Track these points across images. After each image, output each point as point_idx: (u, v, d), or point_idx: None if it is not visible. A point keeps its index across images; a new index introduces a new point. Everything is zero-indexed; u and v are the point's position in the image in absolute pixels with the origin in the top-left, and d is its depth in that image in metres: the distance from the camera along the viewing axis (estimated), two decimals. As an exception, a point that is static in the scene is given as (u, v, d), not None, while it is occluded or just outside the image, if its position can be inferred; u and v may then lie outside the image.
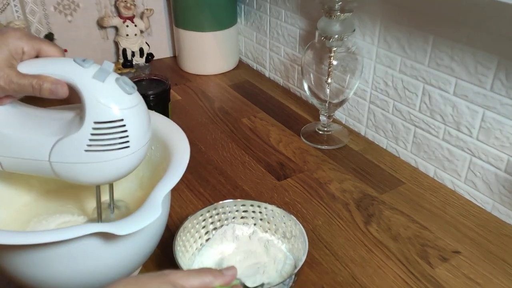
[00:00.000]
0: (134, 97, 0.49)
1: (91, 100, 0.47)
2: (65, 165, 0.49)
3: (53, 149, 0.49)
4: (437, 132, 0.77)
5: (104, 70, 0.48)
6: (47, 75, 0.47)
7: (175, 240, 0.55)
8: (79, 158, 0.48)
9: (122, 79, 0.48)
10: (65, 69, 0.47)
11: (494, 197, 0.71)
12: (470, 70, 0.69)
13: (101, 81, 0.47)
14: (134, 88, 0.49)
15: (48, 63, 0.48)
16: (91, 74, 0.47)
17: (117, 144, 0.48)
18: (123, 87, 0.48)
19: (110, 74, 0.48)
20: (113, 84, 0.47)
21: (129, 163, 0.50)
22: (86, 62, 0.47)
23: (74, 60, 0.47)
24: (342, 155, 0.86)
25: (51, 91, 0.47)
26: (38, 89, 0.47)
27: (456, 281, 0.60)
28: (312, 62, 0.86)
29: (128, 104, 0.48)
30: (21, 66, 0.47)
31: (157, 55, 1.23)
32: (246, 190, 0.77)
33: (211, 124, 0.96)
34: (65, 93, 0.48)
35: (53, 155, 0.49)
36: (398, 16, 0.78)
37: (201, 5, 1.10)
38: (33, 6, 1.06)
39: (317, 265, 0.63)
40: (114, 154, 0.48)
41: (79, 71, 0.47)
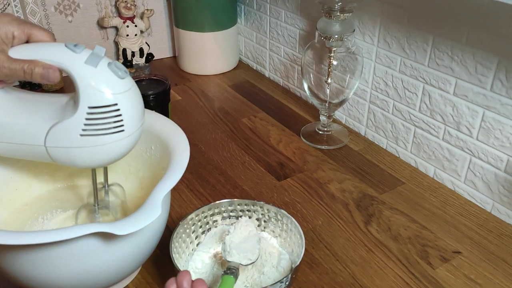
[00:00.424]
0: (127, 81, 0.49)
1: (84, 85, 0.47)
2: (60, 149, 0.50)
3: (48, 134, 0.49)
4: (437, 132, 0.77)
5: (96, 55, 0.48)
6: (39, 59, 0.47)
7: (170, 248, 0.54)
8: (74, 143, 0.49)
9: (114, 64, 0.48)
10: (57, 54, 0.47)
11: (494, 197, 0.71)
12: (470, 70, 0.69)
13: (94, 66, 0.47)
14: (126, 73, 0.49)
15: (39, 48, 0.48)
16: (83, 59, 0.47)
17: (111, 128, 0.48)
18: (116, 72, 0.48)
19: (102, 59, 0.48)
20: (105, 69, 0.48)
21: (123, 146, 0.51)
22: (77, 47, 0.47)
23: (66, 45, 0.48)
24: (342, 155, 0.86)
25: (43, 75, 0.47)
26: (29, 73, 0.47)
27: (457, 282, 0.60)
28: (312, 62, 0.86)
29: (121, 89, 0.48)
30: (12, 51, 0.47)
31: (157, 55, 1.23)
32: (246, 190, 0.77)
33: (211, 124, 0.96)
34: (57, 78, 0.48)
35: (49, 140, 0.49)
36: (398, 16, 0.78)
37: (201, 5, 1.10)
38: (33, 6, 1.06)
39: (317, 265, 0.63)
40: (109, 138, 0.49)
41: (71, 56, 0.47)
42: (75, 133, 0.48)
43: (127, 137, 0.50)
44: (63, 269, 0.48)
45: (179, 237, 0.57)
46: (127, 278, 0.59)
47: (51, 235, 0.43)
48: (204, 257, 0.60)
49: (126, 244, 0.50)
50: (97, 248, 0.47)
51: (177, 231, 0.57)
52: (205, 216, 0.61)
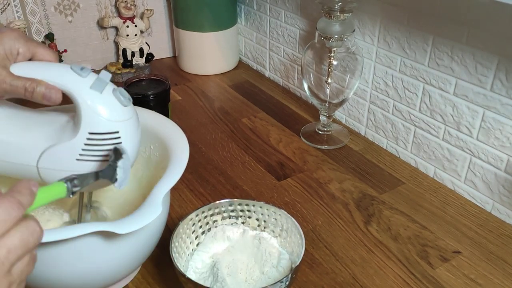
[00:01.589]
0: (129, 109, 0.48)
1: (87, 111, 0.46)
2: (53, 171, 0.48)
3: (42, 155, 0.48)
4: (437, 132, 0.77)
5: (102, 80, 0.47)
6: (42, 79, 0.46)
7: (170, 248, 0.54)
8: (69, 166, 0.48)
9: (119, 91, 0.48)
10: (63, 76, 0.46)
11: (494, 197, 0.71)
12: (470, 70, 0.69)
13: (99, 92, 0.46)
14: (130, 100, 0.48)
15: (44, 67, 0.47)
16: (88, 84, 0.46)
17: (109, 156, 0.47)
18: (120, 99, 0.47)
19: (108, 85, 0.47)
20: (110, 95, 0.47)
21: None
22: (83, 71, 0.46)
23: (72, 67, 0.47)
24: (342, 155, 0.86)
25: (44, 95, 0.46)
26: (31, 92, 0.46)
27: (457, 282, 0.60)
28: (312, 62, 0.86)
29: (124, 117, 0.47)
30: (14, 68, 0.46)
31: (157, 55, 1.23)
32: (246, 190, 0.77)
33: (211, 124, 0.96)
34: (59, 99, 0.47)
35: (42, 161, 0.48)
36: (398, 16, 0.78)
37: (201, 5, 1.10)
38: (33, 6, 1.06)
39: (317, 265, 0.63)
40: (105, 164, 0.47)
41: (76, 80, 0.46)
42: (71, 157, 0.47)
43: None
44: (63, 268, 0.48)
45: (179, 237, 0.57)
46: (127, 278, 0.59)
47: (52, 234, 0.43)
48: (204, 257, 0.60)
49: (126, 243, 0.50)
50: (98, 247, 0.47)
51: (177, 231, 0.56)
52: (205, 216, 0.61)
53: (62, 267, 0.48)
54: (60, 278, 0.49)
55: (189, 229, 0.59)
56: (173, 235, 0.55)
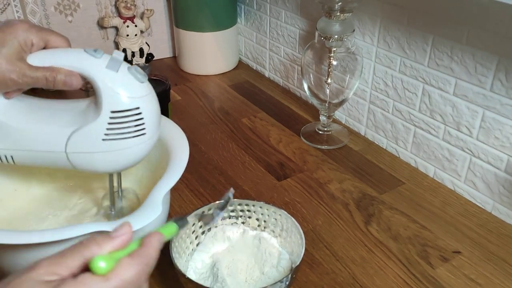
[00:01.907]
0: (146, 85, 0.50)
1: (107, 90, 0.47)
2: (82, 155, 0.50)
3: (69, 140, 0.49)
4: (437, 132, 0.77)
5: (116, 59, 0.48)
6: (60, 67, 0.47)
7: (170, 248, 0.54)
8: (97, 147, 0.49)
9: (134, 68, 0.49)
10: (78, 60, 0.47)
11: (494, 197, 0.71)
12: (470, 70, 0.69)
13: (115, 71, 0.47)
14: (145, 77, 0.50)
15: (60, 54, 0.48)
16: (104, 64, 0.47)
17: (133, 132, 0.49)
18: (136, 76, 0.48)
19: (122, 64, 0.48)
20: (126, 73, 0.48)
21: (144, 149, 0.51)
22: (97, 52, 0.47)
23: (85, 50, 0.48)
24: (342, 155, 0.86)
25: (65, 82, 0.47)
26: (52, 81, 0.47)
27: (457, 282, 0.60)
28: (312, 62, 0.86)
29: (142, 92, 0.49)
30: (32, 58, 0.47)
31: (157, 55, 1.23)
32: (246, 190, 0.77)
33: (211, 124, 0.96)
34: (79, 84, 0.48)
35: (70, 146, 0.49)
36: (398, 16, 0.78)
37: (201, 5, 1.10)
38: (33, 6, 1.06)
39: (317, 265, 0.63)
40: (131, 141, 0.49)
41: (92, 62, 0.47)
42: (97, 138, 0.48)
43: (147, 140, 0.50)
44: (63, 269, 0.48)
45: (179, 237, 0.57)
46: (127, 278, 0.59)
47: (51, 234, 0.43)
48: (204, 257, 0.60)
49: (126, 244, 0.50)
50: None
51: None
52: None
53: (62, 267, 0.48)
54: (60, 278, 0.49)
55: (189, 229, 0.59)
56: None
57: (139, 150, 0.50)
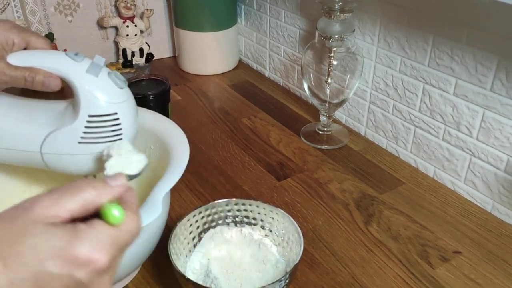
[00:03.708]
0: (125, 91, 0.50)
1: (85, 94, 0.47)
2: (57, 156, 0.50)
3: (45, 141, 0.49)
4: (437, 132, 0.77)
5: (97, 64, 0.48)
6: (39, 67, 0.47)
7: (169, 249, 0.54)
8: (72, 150, 0.49)
9: (114, 74, 0.49)
10: (59, 63, 0.48)
11: (494, 197, 0.71)
12: (470, 70, 0.69)
13: (95, 75, 0.47)
14: (125, 82, 0.50)
15: (40, 55, 0.49)
16: (84, 68, 0.47)
17: (110, 137, 0.49)
18: (116, 82, 0.49)
19: (103, 69, 0.48)
20: (106, 78, 0.48)
21: None
22: (78, 56, 0.48)
23: (66, 54, 0.48)
24: (342, 155, 0.86)
25: (44, 83, 0.47)
26: (30, 81, 0.47)
27: (457, 282, 0.60)
28: (312, 62, 0.86)
29: (121, 98, 0.49)
30: (11, 58, 0.47)
31: (157, 55, 1.23)
32: (246, 190, 0.77)
33: (211, 124, 0.96)
34: (58, 86, 0.48)
35: (45, 147, 0.49)
36: (398, 16, 0.78)
37: (201, 5, 1.10)
38: (33, 6, 1.06)
39: (317, 265, 0.63)
40: (107, 145, 0.49)
41: (72, 65, 0.47)
42: (73, 141, 0.49)
43: None
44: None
45: (177, 238, 0.57)
46: (127, 278, 0.59)
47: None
48: (202, 258, 0.60)
49: (126, 244, 0.50)
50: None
51: (175, 232, 0.56)
52: (202, 216, 0.61)
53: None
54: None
55: (187, 230, 0.59)
56: (171, 236, 0.55)
57: None
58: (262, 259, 0.59)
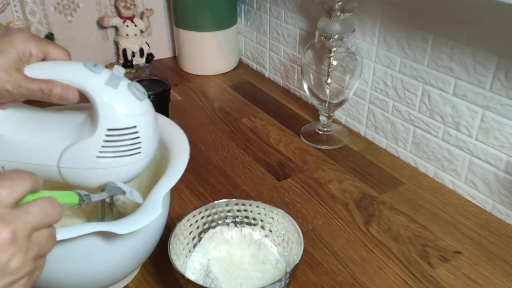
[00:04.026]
0: (145, 103, 0.49)
1: (104, 108, 0.46)
2: (74, 170, 0.49)
3: (63, 155, 0.48)
4: (437, 132, 0.77)
5: (116, 76, 0.47)
6: (57, 80, 0.46)
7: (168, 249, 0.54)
8: (90, 164, 0.48)
9: (134, 85, 0.48)
10: (77, 74, 0.46)
11: (494, 197, 0.71)
12: (470, 70, 0.69)
13: (114, 87, 0.46)
14: (145, 94, 0.49)
15: (58, 67, 0.47)
16: (103, 80, 0.46)
17: (129, 151, 0.48)
18: (135, 93, 0.47)
19: (122, 80, 0.47)
20: (125, 90, 0.47)
21: (138, 167, 0.50)
22: (97, 68, 0.46)
23: (85, 65, 0.46)
24: (342, 155, 0.86)
25: (61, 96, 0.46)
26: (48, 94, 0.46)
27: (457, 282, 0.60)
28: (312, 62, 0.86)
29: (140, 111, 0.48)
30: (28, 70, 0.46)
31: (157, 55, 1.23)
32: (246, 190, 0.77)
33: (211, 124, 0.96)
34: (76, 99, 0.47)
35: (63, 161, 0.48)
36: (398, 16, 0.78)
37: (201, 5, 1.10)
38: (33, 6, 1.06)
39: (317, 265, 0.63)
40: (126, 160, 0.48)
41: (91, 77, 0.46)
42: (91, 155, 0.47)
43: (142, 159, 0.49)
44: (63, 268, 0.48)
45: (176, 239, 0.57)
46: (127, 278, 0.59)
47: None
48: (202, 258, 0.60)
49: (126, 243, 0.50)
50: (98, 247, 0.47)
51: (175, 232, 0.56)
52: (202, 216, 0.61)
53: (62, 267, 0.48)
54: (60, 278, 0.49)
55: (187, 230, 0.59)
56: (171, 236, 0.55)
57: (133, 168, 0.50)
58: (262, 259, 0.59)
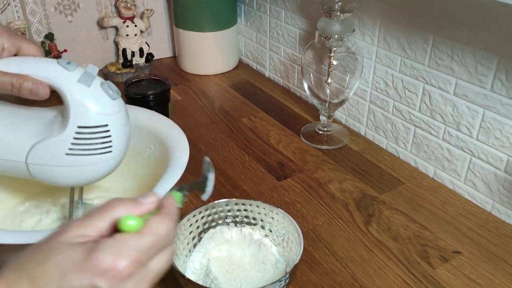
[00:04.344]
0: (118, 102, 0.48)
1: (75, 105, 0.46)
2: (43, 167, 0.48)
3: (31, 151, 0.48)
4: (437, 132, 0.77)
5: (89, 74, 0.46)
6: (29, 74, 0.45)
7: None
8: (59, 161, 0.47)
9: (107, 84, 0.47)
10: (49, 70, 0.46)
11: (494, 197, 0.71)
12: (470, 70, 0.69)
13: (87, 85, 0.46)
14: (118, 94, 0.48)
15: (30, 62, 0.47)
16: (76, 77, 0.46)
17: (99, 149, 0.48)
18: (108, 92, 0.47)
19: (95, 79, 0.47)
20: (98, 89, 0.47)
21: (109, 166, 0.50)
22: (70, 65, 0.46)
23: (58, 62, 0.46)
24: (342, 155, 0.86)
25: (32, 91, 0.46)
26: (18, 87, 0.45)
27: (457, 282, 0.60)
28: (312, 62, 0.86)
29: (113, 110, 0.47)
30: (0, 63, 0.46)
31: (157, 55, 1.23)
32: (246, 190, 0.77)
33: (211, 124, 0.96)
34: (46, 94, 0.46)
35: (31, 157, 0.48)
36: (398, 16, 0.78)
37: (201, 5, 1.10)
38: (33, 6, 1.06)
39: (317, 265, 0.63)
40: (96, 158, 0.48)
41: (64, 74, 0.46)
42: (60, 152, 0.47)
43: (113, 158, 0.49)
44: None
45: (177, 238, 0.57)
46: (127, 278, 0.59)
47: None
48: (202, 258, 0.60)
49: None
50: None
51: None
52: (202, 216, 0.61)
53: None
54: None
55: (187, 230, 0.59)
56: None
57: (103, 168, 0.49)
58: (262, 259, 0.59)
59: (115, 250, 0.32)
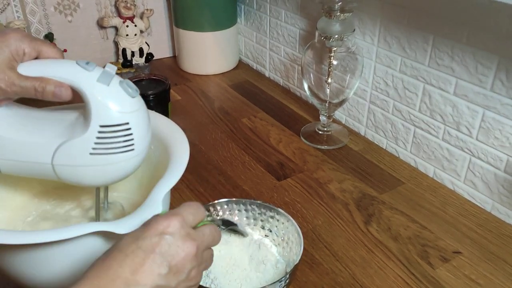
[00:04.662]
0: (137, 100, 0.49)
1: (96, 104, 0.46)
2: (68, 167, 0.49)
3: (56, 152, 0.48)
4: (437, 132, 0.77)
5: (108, 73, 0.47)
6: (50, 77, 0.46)
7: None
8: (83, 161, 0.48)
9: (126, 82, 0.48)
10: (69, 72, 0.47)
11: (493, 197, 0.71)
12: (470, 70, 0.69)
13: (106, 84, 0.47)
14: (137, 91, 0.49)
15: (50, 65, 0.48)
16: (95, 77, 0.47)
17: (122, 147, 0.48)
18: (127, 90, 0.48)
19: (114, 77, 0.48)
20: (117, 87, 0.47)
21: (132, 165, 0.50)
22: (89, 65, 0.47)
23: (77, 62, 0.47)
24: (342, 155, 0.86)
25: (54, 94, 0.47)
26: (41, 91, 0.46)
27: (457, 282, 0.60)
28: (312, 62, 0.86)
29: (133, 108, 0.48)
30: (21, 68, 0.46)
31: (157, 55, 1.23)
32: (246, 190, 0.77)
33: (211, 124, 0.96)
34: (69, 96, 0.47)
35: (56, 158, 0.49)
36: (398, 16, 0.78)
37: (201, 5, 1.10)
38: (33, 6, 1.06)
39: (317, 265, 0.63)
40: (119, 156, 0.48)
41: (83, 74, 0.47)
42: (85, 152, 0.48)
43: (135, 156, 0.50)
44: (63, 269, 0.48)
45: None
46: (127, 278, 0.59)
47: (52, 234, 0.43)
48: None
49: (126, 244, 0.49)
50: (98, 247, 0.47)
51: None
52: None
53: (61, 267, 0.48)
54: (60, 278, 0.49)
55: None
56: None
57: (126, 166, 0.50)
58: (262, 259, 0.59)
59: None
